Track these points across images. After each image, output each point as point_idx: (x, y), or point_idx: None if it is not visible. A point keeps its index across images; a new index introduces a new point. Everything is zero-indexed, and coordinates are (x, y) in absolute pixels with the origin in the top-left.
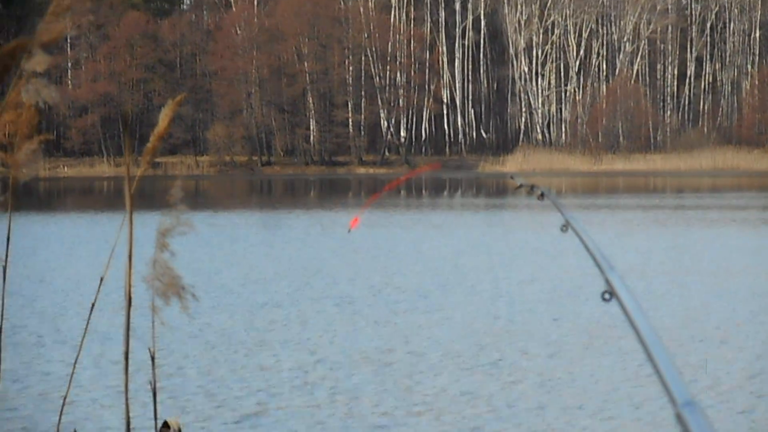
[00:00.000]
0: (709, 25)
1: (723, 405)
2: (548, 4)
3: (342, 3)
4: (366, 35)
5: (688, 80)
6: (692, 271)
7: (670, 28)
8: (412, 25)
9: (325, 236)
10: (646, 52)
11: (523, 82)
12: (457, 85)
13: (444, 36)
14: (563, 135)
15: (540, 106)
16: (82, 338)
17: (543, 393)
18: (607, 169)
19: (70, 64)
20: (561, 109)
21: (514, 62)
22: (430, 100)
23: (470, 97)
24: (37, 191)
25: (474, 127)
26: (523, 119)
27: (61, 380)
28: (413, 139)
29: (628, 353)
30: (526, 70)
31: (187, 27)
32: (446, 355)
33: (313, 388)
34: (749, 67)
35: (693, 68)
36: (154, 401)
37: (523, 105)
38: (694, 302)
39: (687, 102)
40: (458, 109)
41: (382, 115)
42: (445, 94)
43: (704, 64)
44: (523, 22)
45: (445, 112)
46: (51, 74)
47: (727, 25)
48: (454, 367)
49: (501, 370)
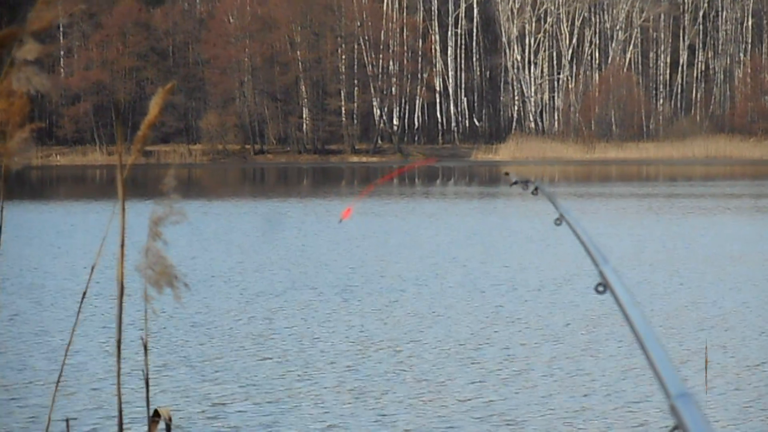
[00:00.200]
0: (701, 14)
1: (724, 394)
2: None
3: None
4: (359, 23)
5: (680, 68)
6: (688, 260)
7: (662, 17)
8: (405, 14)
9: (320, 225)
10: (639, 40)
11: (516, 71)
12: (450, 73)
13: (437, 24)
14: (556, 123)
15: (533, 94)
16: (73, 327)
17: (541, 383)
18: (600, 157)
19: (62, 53)
20: (554, 97)
21: (507, 51)
22: (423, 88)
23: (463, 85)
24: (30, 180)
25: (467, 116)
26: (516, 107)
27: (53, 369)
28: (406, 128)
29: (624, 344)
30: (519, 58)
31: (180, 15)
32: (445, 345)
33: (311, 377)
34: (742, 55)
35: (685, 56)
36: (147, 390)
37: (516, 93)
38: (691, 291)
39: (679, 90)
40: (451, 98)
41: (375, 103)
42: (438, 83)
43: (697, 52)
44: (515, 11)
45: (438, 101)
46: (44, 62)
47: (720, 13)
48: (453, 356)
49: (499, 359)
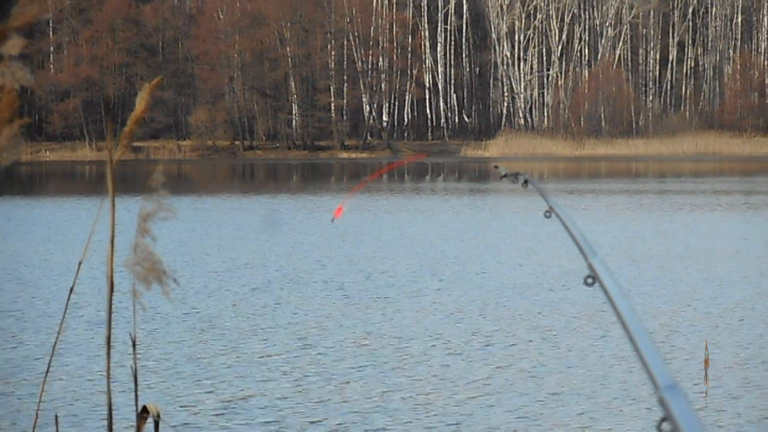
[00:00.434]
0: (691, 10)
1: (719, 389)
2: None
3: None
4: (348, 20)
5: (670, 65)
6: (681, 257)
7: (652, 13)
8: (395, 10)
9: (312, 221)
10: (628, 37)
11: (506, 67)
12: (440, 69)
13: (426, 20)
14: (545, 120)
15: (522, 90)
16: (61, 323)
17: (532, 378)
18: (590, 153)
19: (52, 49)
20: (543, 93)
21: (497, 47)
22: (413, 84)
23: (452, 81)
24: (19, 176)
25: (456, 112)
26: (506, 104)
27: (41, 365)
28: (395, 124)
29: (615, 337)
30: (509, 54)
31: (170, 11)
32: (436, 341)
33: (302, 373)
34: (731, 52)
35: (675, 53)
36: (135, 386)
37: (506, 90)
38: (685, 288)
39: (669, 87)
40: (440, 94)
41: (365, 99)
42: (428, 79)
43: (686, 49)
44: (505, 7)
45: (428, 97)
46: (33, 58)
47: (709, 9)
48: (444, 352)
49: (491, 355)
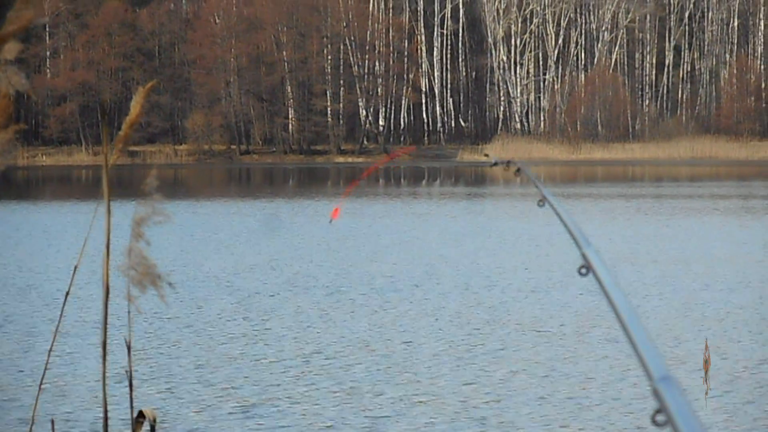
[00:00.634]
0: (687, 14)
1: (726, 394)
2: None
3: None
4: (345, 24)
5: (666, 69)
6: (680, 261)
7: (648, 17)
8: (391, 14)
9: (310, 225)
10: (625, 41)
11: (502, 71)
12: (436, 74)
13: (422, 25)
14: (542, 124)
15: (518, 95)
16: (57, 327)
17: (535, 381)
18: (586, 158)
19: (48, 53)
20: (539, 98)
21: (493, 51)
22: (409, 89)
23: (449, 86)
24: (16, 180)
25: (453, 116)
26: (502, 108)
27: (37, 369)
28: (392, 128)
29: (618, 339)
30: (505, 59)
31: (166, 16)
32: (441, 344)
33: (302, 379)
34: (727, 56)
35: (671, 57)
36: (130, 391)
37: (502, 94)
38: (685, 292)
39: (665, 91)
40: (437, 98)
41: (361, 104)
42: (424, 83)
43: (682, 53)
44: (501, 11)
45: (424, 101)
46: (29, 63)
47: (705, 14)
48: (449, 355)
49: (494, 359)
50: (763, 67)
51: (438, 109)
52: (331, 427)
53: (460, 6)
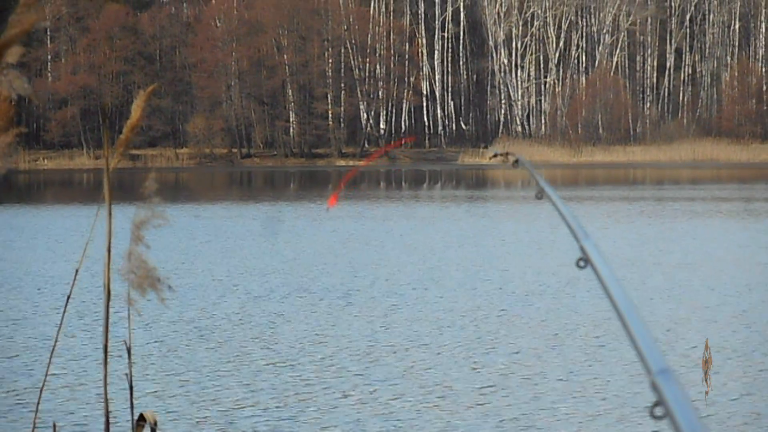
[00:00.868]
0: (688, 17)
1: (727, 394)
2: None
3: None
4: (345, 27)
5: (667, 72)
6: (683, 264)
7: (649, 20)
8: (392, 17)
9: (313, 229)
10: (626, 43)
11: (503, 74)
12: (437, 77)
13: (423, 28)
14: (543, 127)
15: (519, 98)
16: (58, 330)
17: (539, 384)
18: (587, 160)
19: (49, 57)
20: (540, 101)
21: (494, 54)
22: (410, 92)
23: (450, 89)
24: (17, 184)
25: (453, 119)
26: (503, 111)
27: (39, 373)
28: (393, 131)
29: (622, 341)
30: (506, 62)
31: (167, 19)
32: (447, 347)
33: (305, 382)
34: (728, 58)
35: (672, 60)
36: (131, 394)
37: (503, 97)
38: (689, 295)
39: (666, 94)
40: (438, 101)
41: (362, 107)
42: (425, 86)
43: (684, 55)
44: (502, 14)
45: (425, 104)
46: (31, 67)
47: (707, 16)
48: (456, 358)
49: (497, 362)
50: (764, 70)
51: (439, 112)
52: (335, 430)
53: (461, 9)
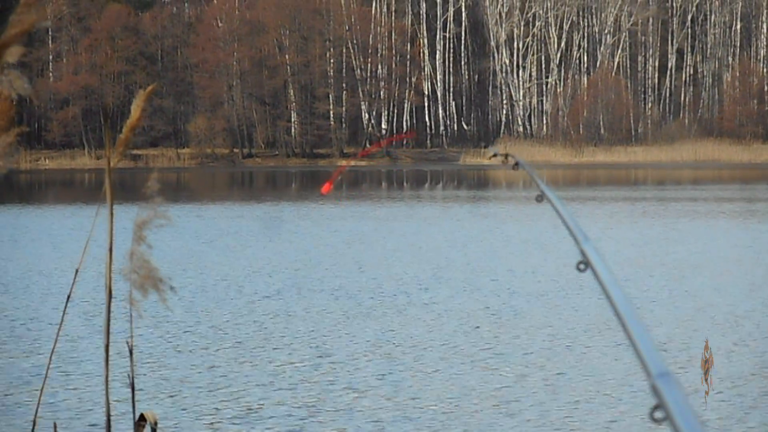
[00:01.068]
0: (690, 17)
1: (727, 395)
2: None
3: None
4: (347, 27)
5: (669, 72)
6: (685, 264)
7: (651, 20)
8: (393, 18)
9: (316, 229)
10: (627, 44)
11: (505, 74)
12: (438, 77)
13: (425, 28)
14: (544, 127)
15: (521, 98)
16: (58, 330)
17: (546, 386)
18: (588, 161)
19: (51, 57)
20: (542, 101)
21: (495, 54)
22: (412, 92)
23: (451, 89)
24: (18, 184)
25: (455, 120)
26: (505, 111)
27: (39, 373)
28: (394, 132)
29: (626, 344)
30: (507, 62)
31: (169, 19)
32: (449, 347)
33: (312, 383)
34: (730, 59)
35: (674, 60)
36: (132, 394)
37: (505, 97)
38: (691, 295)
39: (668, 94)
40: (439, 102)
41: (364, 107)
42: (427, 87)
43: (685, 56)
44: (504, 14)
45: (427, 105)
46: (32, 66)
47: (708, 17)
48: (458, 358)
49: (504, 363)
50: (766, 70)
51: (440, 112)
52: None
53: (463, 9)
